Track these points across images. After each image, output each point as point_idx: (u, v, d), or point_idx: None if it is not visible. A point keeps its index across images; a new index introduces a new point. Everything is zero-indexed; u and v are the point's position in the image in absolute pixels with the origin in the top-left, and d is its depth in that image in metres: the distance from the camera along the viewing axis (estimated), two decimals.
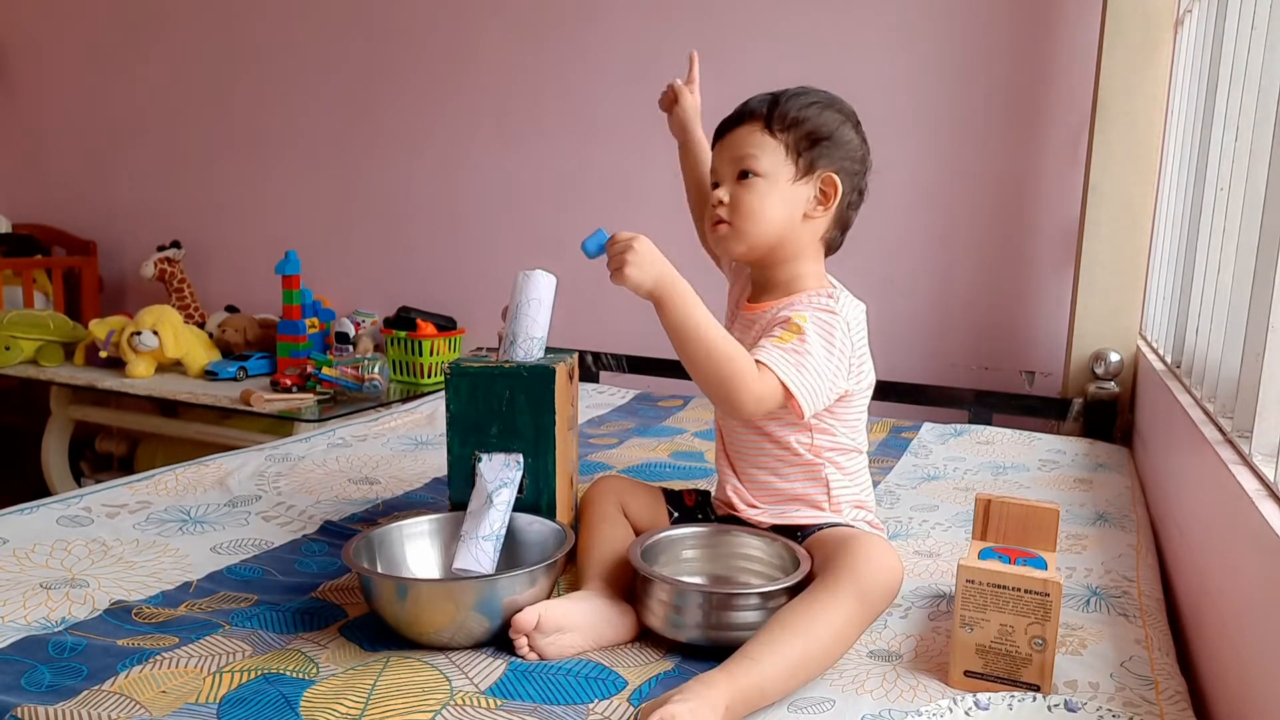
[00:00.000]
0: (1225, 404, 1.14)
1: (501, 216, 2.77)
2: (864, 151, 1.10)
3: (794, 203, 1.06)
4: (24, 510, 1.26)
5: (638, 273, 0.93)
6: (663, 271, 0.95)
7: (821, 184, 1.06)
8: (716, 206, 1.07)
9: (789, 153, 1.05)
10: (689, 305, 0.95)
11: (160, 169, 3.32)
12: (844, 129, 1.07)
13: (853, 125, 1.09)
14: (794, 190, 1.05)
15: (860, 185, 1.10)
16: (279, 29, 3.03)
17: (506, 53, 2.69)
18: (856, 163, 1.08)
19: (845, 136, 1.07)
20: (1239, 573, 0.88)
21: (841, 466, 1.09)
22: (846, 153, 1.07)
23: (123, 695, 0.79)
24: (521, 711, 0.79)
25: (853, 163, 1.08)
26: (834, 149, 1.06)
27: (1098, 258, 1.94)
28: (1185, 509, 1.21)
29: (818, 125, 1.05)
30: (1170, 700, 0.86)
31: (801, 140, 1.05)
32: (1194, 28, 1.71)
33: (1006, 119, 2.16)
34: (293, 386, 2.38)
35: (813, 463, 1.07)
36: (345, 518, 1.31)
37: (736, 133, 1.07)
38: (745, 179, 1.05)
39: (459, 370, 1.08)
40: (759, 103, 1.08)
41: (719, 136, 1.10)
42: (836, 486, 1.08)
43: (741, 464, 1.12)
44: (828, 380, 1.00)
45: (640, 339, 2.52)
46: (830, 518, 1.08)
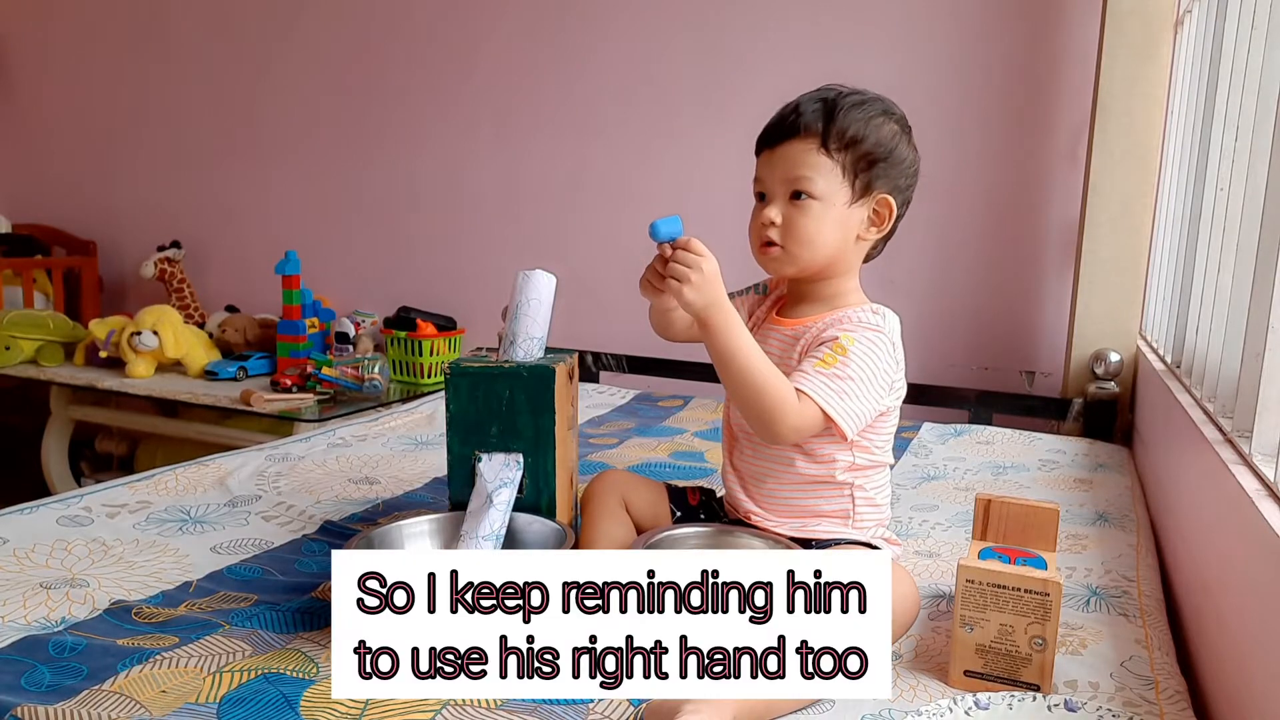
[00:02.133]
0: (1225, 404, 1.14)
1: (502, 217, 2.77)
2: (917, 164, 1.05)
3: (848, 225, 1.02)
4: (24, 510, 1.26)
5: (695, 295, 0.92)
6: (717, 298, 0.93)
7: (876, 205, 1.03)
8: (767, 226, 1.02)
9: (845, 174, 1.00)
10: (734, 332, 0.94)
11: (160, 169, 3.32)
12: (900, 144, 1.03)
13: (907, 135, 1.04)
14: (849, 213, 1.01)
15: (909, 198, 1.06)
16: (280, 30, 3.03)
17: (507, 53, 2.69)
18: (910, 178, 1.05)
19: (901, 154, 1.03)
20: (1239, 572, 0.88)
21: (869, 481, 1.06)
22: (901, 170, 1.03)
23: (123, 695, 0.79)
24: (521, 711, 0.79)
25: (906, 179, 1.04)
26: (891, 169, 1.02)
27: (1098, 257, 1.94)
28: (1185, 509, 1.21)
29: (876, 144, 1.00)
30: (1170, 700, 0.86)
31: (859, 161, 1.00)
32: (1194, 28, 1.71)
33: (1007, 119, 2.16)
34: (293, 386, 2.38)
35: (842, 481, 1.05)
36: (345, 518, 1.31)
37: (789, 148, 1.01)
38: (799, 199, 1.00)
39: (459, 370, 1.08)
40: (813, 115, 1.00)
41: (766, 144, 1.04)
42: (862, 503, 1.06)
43: (759, 483, 1.08)
44: (871, 401, 0.98)
45: (640, 339, 2.53)
46: (851, 534, 1.05)
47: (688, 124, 2.46)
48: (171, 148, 3.29)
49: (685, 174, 2.47)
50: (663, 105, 2.49)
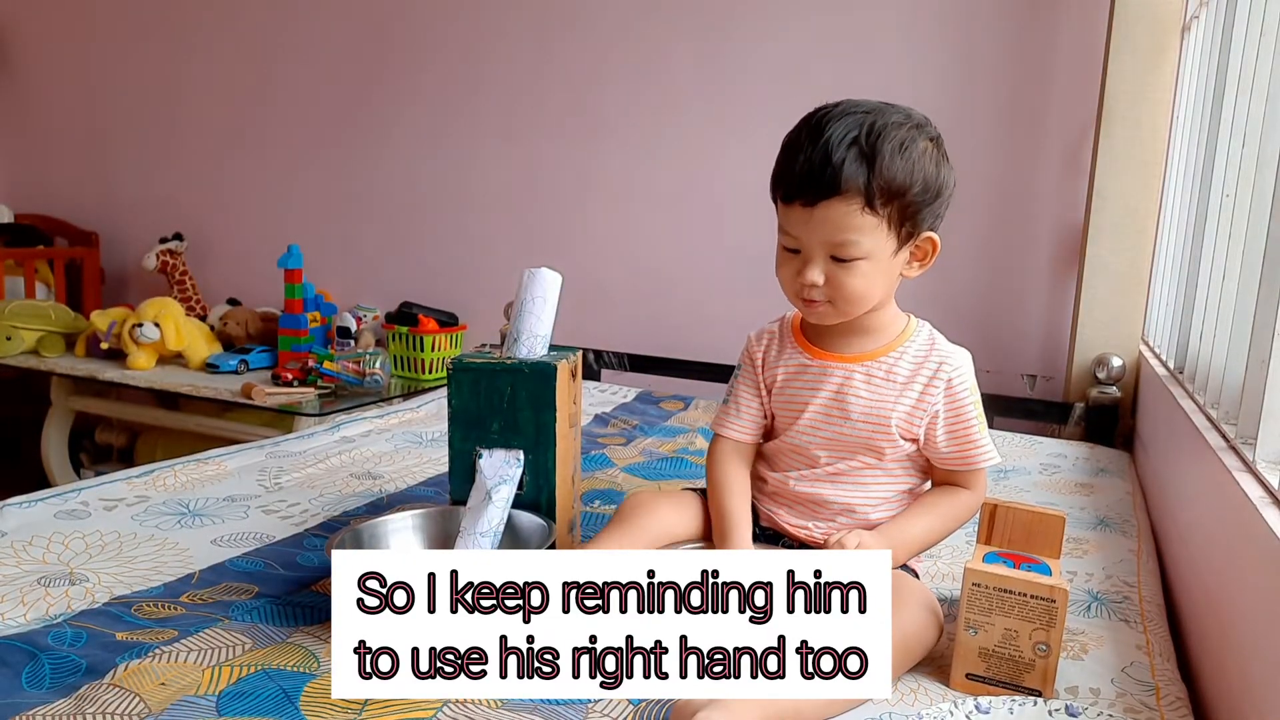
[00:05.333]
0: (1229, 410, 1.14)
1: (505, 213, 2.76)
2: (954, 184, 0.98)
3: (895, 269, 0.98)
4: (22, 504, 1.25)
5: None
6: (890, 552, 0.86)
7: (920, 242, 0.98)
8: (811, 288, 0.96)
9: (891, 227, 0.94)
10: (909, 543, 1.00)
11: (163, 161, 3.32)
12: (942, 172, 0.96)
13: (943, 153, 0.97)
14: (895, 261, 0.97)
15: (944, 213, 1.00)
16: (284, 22, 3.03)
17: (513, 50, 2.69)
18: (949, 200, 0.99)
19: (944, 183, 0.96)
20: (1242, 579, 0.88)
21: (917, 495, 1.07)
22: (944, 200, 0.97)
23: (122, 688, 0.79)
24: (522, 710, 0.79)
25: (947, 204, 0.98)
26: (936, 205, 0.96)
27: (1101, 262, 1.94)
28: (1187, 515, 1.21)
29: (923, 187, 0.93)
30: (1171, 706, 0.86)
31: (906, 209, 0.93)
32: (1201, 33, 1.71)
33: (1011, 123, 2.16)
34: (294, 380, 2.37)
35: (907, 501, 1.05)
36: (347, 512, 1.31)
37: (829, 209, 0.92)
38: (844, 262, 0.94)
39: (461, 365, 1.08)
40: (854, 169, 0.90)
41: (799, 196, 0.93)
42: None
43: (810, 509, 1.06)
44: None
45: (641, 339, 2.53)
46: None
47: (692, 123, 2.46)
48: (175, 140, 3.29)
49: (690, 173, 2.46)
50: (668, 104, 2.49)
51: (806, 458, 1.05)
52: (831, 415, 1.03)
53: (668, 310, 2.54)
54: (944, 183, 0.96)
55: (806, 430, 1.04)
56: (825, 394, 1.03)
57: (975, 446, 1.02)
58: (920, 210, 0.95)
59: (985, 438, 1.02)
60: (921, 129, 0.96)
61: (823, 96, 1.01)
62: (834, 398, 1.03)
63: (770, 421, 1.10)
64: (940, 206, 0.97)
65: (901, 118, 0.95)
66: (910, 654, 0.88)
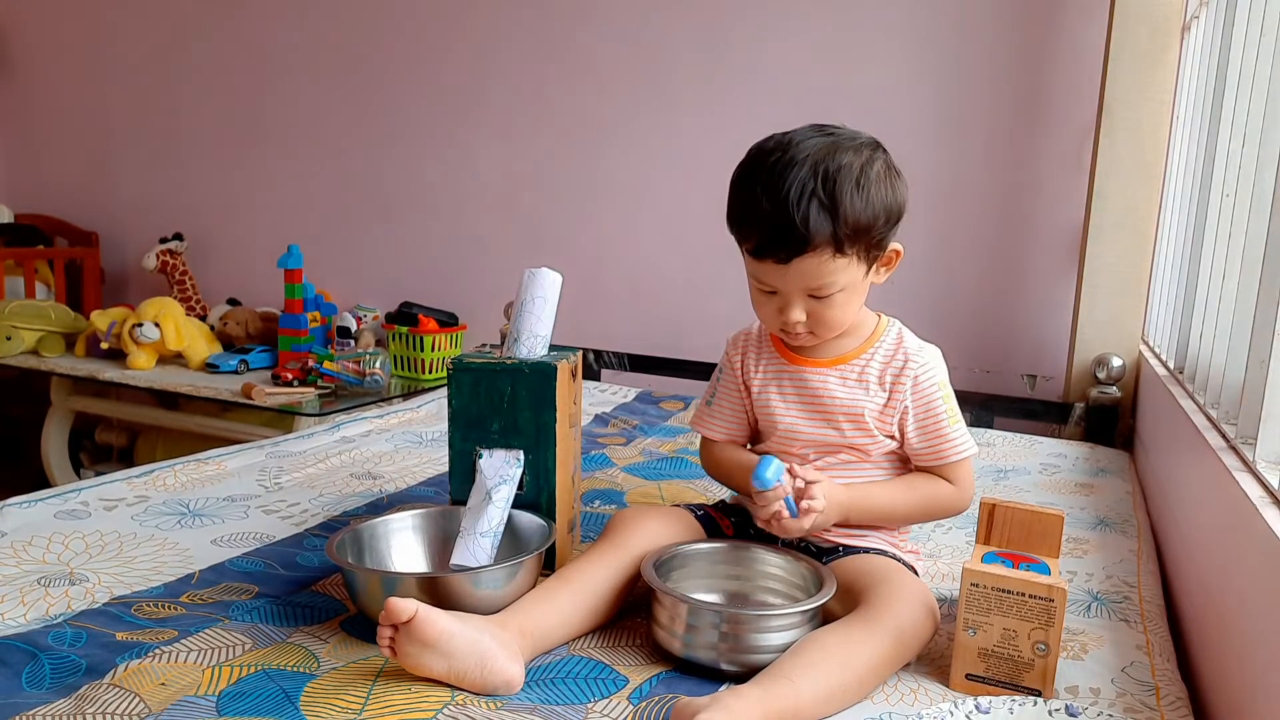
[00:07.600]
0: (1229, 410, 1.14)
1: (505, 213, 2.76)
2: (907, 192, 1.01)
3: (866, 286, 1.03)
4: (22, 504, 1.25)
5: (826, 519, 0.97)
6: (840, 502, 0.98)
7: (885, 254, 1.02)
8: (794, 324, 1.00)
9: (861, 259, 0.98)
10: (871, 505, 1.02)
11: (163, 161, 3.32)
12: (896, 190, 0.98)
13: (894, 171, 1.00)
14: (867, 280, 1.02)
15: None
16: (284, 22, 3.03)
17: (513, 51, 2.69)
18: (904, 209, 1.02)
19: (900, 201, 0.99)
20: (1242, 579, 0.88)
21: None
22: (901, 213, 1.00)
23: (122, 688, 0.79)
24: (521, 710, 0.79)
25: (903, 213, 1.01)
26: (897, 222, 1.00)
27: (1101, 262, 1.94)
28: (1187, 515, 1.21)
29: (886, 216, 0.97)
30: (1171, 706, 0.86)
31: (872, 240, 0.97)
32: (1201, 33, 1.71)
33: (1011, 123, 2.16)
34: (294, 380, 2.37)
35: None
36: (347, 512, 1.31)
37: (802, 264, 0.95)
38: (823, 298, 0.98)
39: (461, 365, 1.08)
40: (818, 221, 0.92)
41: (770, 256, 0.96)
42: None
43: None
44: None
45: (641, 339, 2.53)
46: (885, 546, 1.05)
47: (692, 123, 2.46)
48: (175, 139, 3.29)
49: (690, 173, 2.46)
50: (669, 105, 2.49)
51: (795, 457, 1.07)
52: (814, 418, 1.06)
53: (668, 310, 2.54)
54: (902, 202, 1.00)
55: (791, 433, 1.07)
56: (805, 398, 1.07)
57: (946, 441, 1.04)
58: (886, 235, 1.00)
59: (957, 432, 1.05)
60: (867, 148, 0.98)
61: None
62: (814, 401, 1.06)
63: (755, 424, 1.13)
64: (898, 218, 1.00)
65: (849, 146, 0.96)
66: (906, 650, 0.88)
